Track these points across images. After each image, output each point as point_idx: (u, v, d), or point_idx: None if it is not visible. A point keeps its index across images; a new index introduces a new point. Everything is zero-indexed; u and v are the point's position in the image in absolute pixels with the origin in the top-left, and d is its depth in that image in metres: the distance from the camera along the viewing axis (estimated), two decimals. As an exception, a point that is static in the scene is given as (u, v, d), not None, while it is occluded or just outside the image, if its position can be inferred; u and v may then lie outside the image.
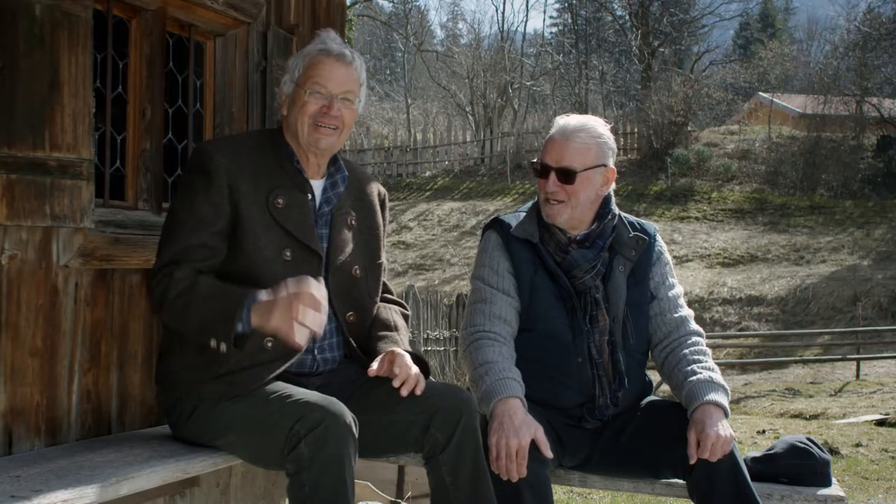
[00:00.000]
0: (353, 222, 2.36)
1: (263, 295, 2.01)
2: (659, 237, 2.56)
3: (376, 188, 2.51)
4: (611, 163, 2.43)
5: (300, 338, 1.94)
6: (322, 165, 2.33)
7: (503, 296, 2.39)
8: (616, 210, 2.49)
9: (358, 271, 2.34)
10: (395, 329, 2.40)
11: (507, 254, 2.43)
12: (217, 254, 2.17)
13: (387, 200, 2.55)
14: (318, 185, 2.32)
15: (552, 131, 2.45)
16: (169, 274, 2.12)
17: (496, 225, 2.50)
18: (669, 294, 2.48)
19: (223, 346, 2.03)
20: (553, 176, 2.38)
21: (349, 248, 2.33)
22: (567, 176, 2.36)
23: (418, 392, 2.16)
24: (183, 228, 2.15)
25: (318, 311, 1.94)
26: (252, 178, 2.19)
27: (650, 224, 2.56)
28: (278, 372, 2.15)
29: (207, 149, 2.22)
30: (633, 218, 2.55)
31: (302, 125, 2.24)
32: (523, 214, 2.49)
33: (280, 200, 2.20)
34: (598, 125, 2.45)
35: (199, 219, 2.15)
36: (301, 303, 1.92)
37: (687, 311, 2.49)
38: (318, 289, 1.95)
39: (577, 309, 2.37)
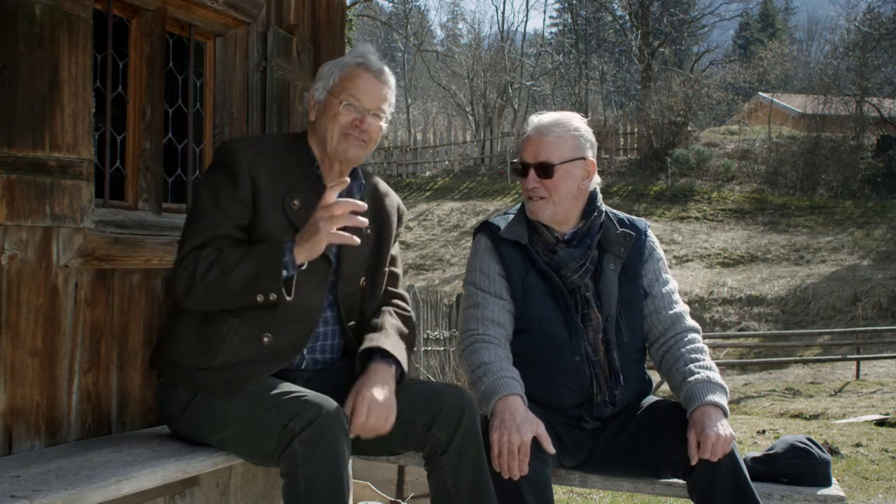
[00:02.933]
0: (368, 231, 2.33)
1: (293, 236, 2.06)
2: (650, 233, 2.54)
3: (395, 202, 2.50)
4: (590, 155, 2.42)
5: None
6: (343, 174, 2.32)
7: (495, 299, 2.39)
8: (603, 207, 2.48)
9: (364, 282, 2.35)
10: (379, 329, 2.35)
11: (497, 257, 2.43)
12: (240, 244, 2.16)
13: (404, 217, 2.54)
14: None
15: (528, 129, 2.45)
16: (196, 255, 2.10)
17: (485, 228, 2.50)
18: (664, 290, 2.47)
19: (272, 297, 2.04)
20: (532, 172, 2.39)
21: (360, 258, 2.33)
22: (545, 170, 2.36)
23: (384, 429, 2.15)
24: (209, 222, 2.14)
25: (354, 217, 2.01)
26: (271, 177, 2.20)
27: (641, 220, 2.55)
28: (275, 371, 2.17)
29: (231, 145, 2.22)
30: (623, 214, 2.54)
31: (332, 134, 2.24)
32: (512, 216, 2.49)
33: (296, 202, 2.20)
34: (574, 119, 2.44)
35: (225, 213, 2.14)
36: (336, 212, 1.99)
37: (682, 307, 2.48)
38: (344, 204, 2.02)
39: (571, 308, 2.37)
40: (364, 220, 2.02)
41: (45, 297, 2.21)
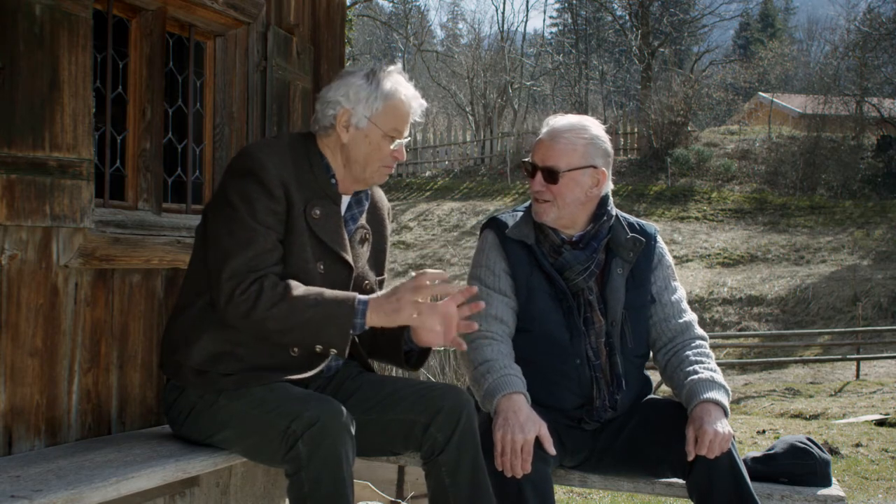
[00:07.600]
0: (368, 236, 2.34)
1: (368, 297, 2.08)
2: (660, 239, 2.53)
3: (385, 203, 2.49)
4: (601, 164, 2.37)
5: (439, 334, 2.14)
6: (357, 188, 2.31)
7: (499, 296, 2.39)
8: (613, 211, 2.45)
9: (368, 286, 2.33)
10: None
11: (503, 254, 2.42)
12: (281, 259, 2.12)
13: (390, 214, 2.53)
14: (344, 200, 2.29)
15: (542, 131, 2.43)
16: (259, 283, 2.03)
17: (493, 224, 2.49)
18: (673, 298, 2.46)
19: (332, 351, 2.07)
20: (539, 175, 2.37)
21: (363, 263, 2.32)
22: (551, 176, 2.35)
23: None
24: (255, 235, 2.07)
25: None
26: (296, 187, 2.15)
27: (651, 225, 2.53)
28: (294, 378, 2.16)
29: (257, 155, 2.12)
30: (633, 219, 2.52)
31: (372, 164, 2.22)
32: (521, 214, 2.48)
33: (317, 211, 2.16)
34: (591, 126, 2.40)
35: (267, 226, 2.08)
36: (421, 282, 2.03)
37: (691, 316, 2.47)
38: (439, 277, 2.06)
39: (574, 310, 2.37)
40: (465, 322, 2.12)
41: (45, 297, 2.21)
